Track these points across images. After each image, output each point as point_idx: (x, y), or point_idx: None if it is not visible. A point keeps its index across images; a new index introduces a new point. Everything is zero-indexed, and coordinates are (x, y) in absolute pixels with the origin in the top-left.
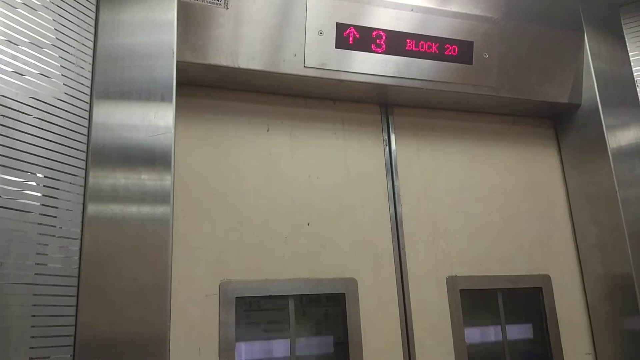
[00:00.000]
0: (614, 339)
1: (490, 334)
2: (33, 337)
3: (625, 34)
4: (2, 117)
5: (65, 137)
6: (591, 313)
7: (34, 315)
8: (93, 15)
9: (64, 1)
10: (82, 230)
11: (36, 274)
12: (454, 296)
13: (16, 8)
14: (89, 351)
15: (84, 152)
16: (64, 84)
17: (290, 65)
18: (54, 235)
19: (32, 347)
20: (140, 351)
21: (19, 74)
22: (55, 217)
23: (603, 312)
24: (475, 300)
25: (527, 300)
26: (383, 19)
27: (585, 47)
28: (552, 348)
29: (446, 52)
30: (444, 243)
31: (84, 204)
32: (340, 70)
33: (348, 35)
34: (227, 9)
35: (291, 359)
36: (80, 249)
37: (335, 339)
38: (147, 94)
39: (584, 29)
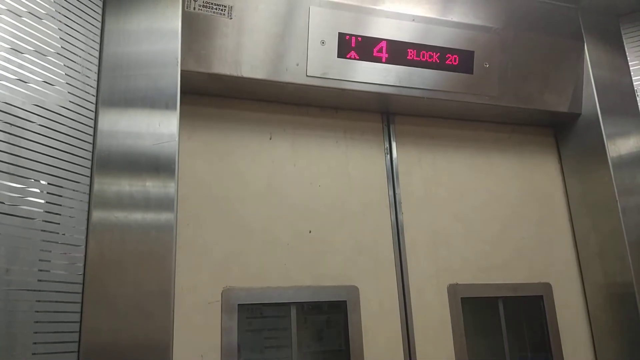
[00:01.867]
0: (615, 347)
1: (491, 341)
2: (36, 343)
3: (625, 44)
4: (8, 124)
5: (71, 144)
6: (592, 321)
7: (37, 322)
8: (99, 24)
9: (69, 10)
10: (86, 237)
11: (39, 280)
12: (455, 304)
13: (21, 17)
14: (94, 356)
15: (89, 159)
16: (69, 92)
17: (293, 74)
18: (58, 242)
19: (35, 353)
20: (143, 357)
21: (25, 82)
22: (59, 224)
23: (604, 320)
24: (476, 308)
25: (528, 308)
26: (384, 28)
27: (585, 56)
28: (553, 356)
29: (447, 62)
30: (445, 251)
31: (88, 210)
32: (342, 80)
33: (350, 44)
34: (231, 18)
35: None
36: (85, 256)
37: (336, 346)
38: (151, 102)
39: (584, 38)
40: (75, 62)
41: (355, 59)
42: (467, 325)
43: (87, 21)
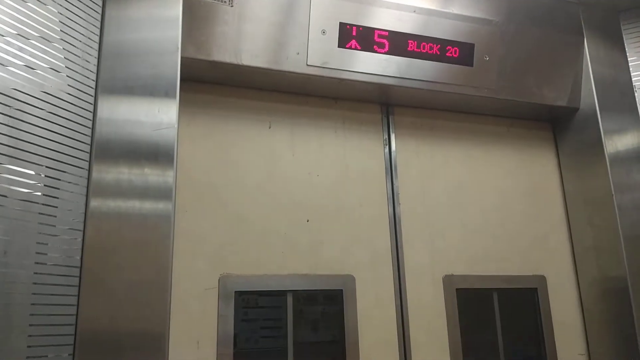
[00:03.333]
0: (608, 340)
1: (485, 333)
2: (32, 325)
3: (624, 40)
4: (9, 108)
5: (71, 129)
6: (585, 314)
7: (33, 304)
8: (99, 10)
9: None
10: (84, 224)
11: (37, 262)
12: (450, 295)
13: (26, 2)
14: (90, 343)
15: (88, 144)
16: (69, 77)
17: (293, 63)
18: (56, 226)
19: (31, 335)
20: (140, 344)
21: (28, 67)
22: (57, 207)
23: (597, 313)
24: (471, 299)
25: (523, 300)
26: (385, 19)
27: (585, 51)
28: (546, 348)
29: (447, 54)
30: (441, 242)
31: (87, 197)
32: (342, 70)
33: (351, 34)
34: (232, 6)
35: (288, 354)
36: (83, 242)
37: (332, 335)
38: (151, 89)
39: (584, 33)
40: (76, 47)
41: (355, 49)
42: (461, 316)
43: (88, 6)
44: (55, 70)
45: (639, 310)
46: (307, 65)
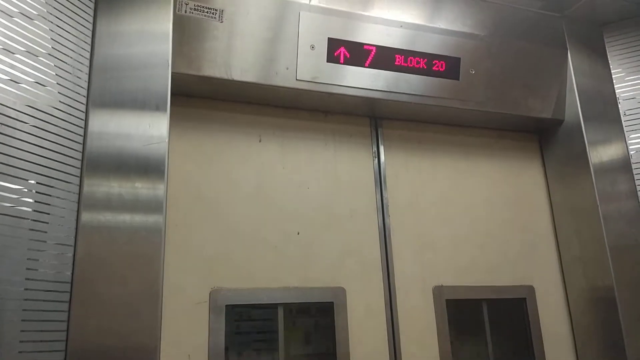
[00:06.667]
0: (596, 350)
1: (475, 343)
2: (22, 341)
3: (607, 52)
4: None
5: (61, 145)
6: (574, 324)
7: (24, 320)
8: (90, 25)
9: (61, 11)
10: (75, 238)
11: (27, 279)
12: (440, 306)
13: (13, 17)
14: (81, 357)
15: (79, 160)
16: (60, 93)
17: (283, 78)
18: (46, 242)
19: (21, 352)
20: (131, 358)
21: (16, 82)
22: (48, 223)
23: (585, 323)
24: (460, 310)
25: (512, 311)
26: (373, 34)
27: (569, 64)
28: (535, 358)
29: (434, 68)
30: (431, 254)
31: (78, 211)
32: (331, 84)
33: (339, 49)
34: (222, 22)
35: None
36: (74, 256)
37: (323, 347)
38: (142, 103)
39: (568, 46)
40: (66, 62)
41: (344, 63)
42: (451, 327)
43: (78, 22)
44: (47, 86)
45: (627, 319)
46: (297, 80)
